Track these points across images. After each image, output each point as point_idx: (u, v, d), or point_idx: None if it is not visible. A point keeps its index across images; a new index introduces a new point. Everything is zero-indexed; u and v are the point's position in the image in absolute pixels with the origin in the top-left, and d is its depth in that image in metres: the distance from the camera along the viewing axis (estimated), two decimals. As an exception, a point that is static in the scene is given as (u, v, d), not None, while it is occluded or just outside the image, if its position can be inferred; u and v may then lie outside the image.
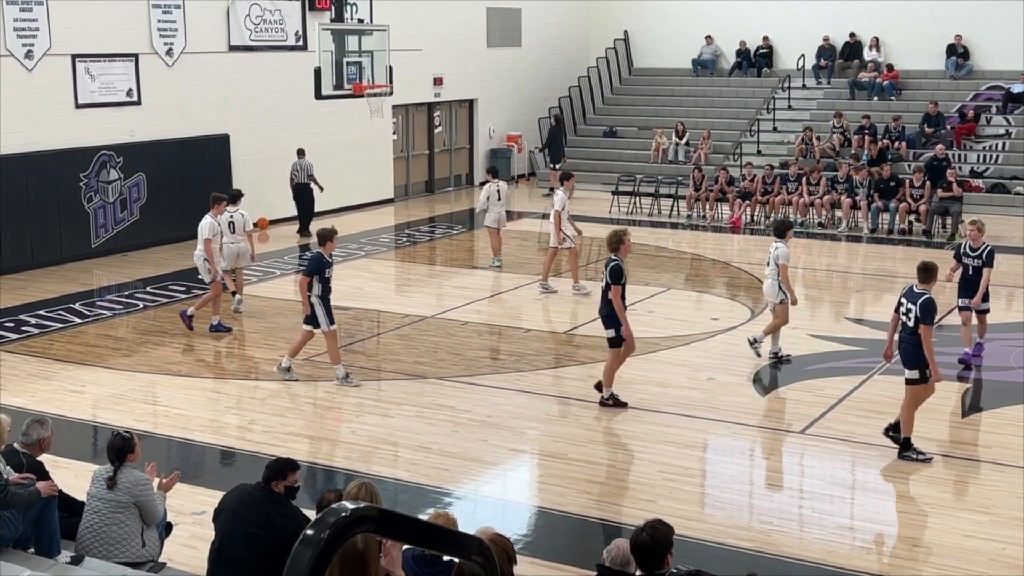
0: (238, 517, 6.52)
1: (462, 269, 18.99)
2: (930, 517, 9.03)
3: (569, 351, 13.52)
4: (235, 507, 6.60)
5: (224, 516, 6.62)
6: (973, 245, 13.04)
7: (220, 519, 6.64)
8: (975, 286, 12.82)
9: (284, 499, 6.61)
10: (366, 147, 24.09)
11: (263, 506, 6.51)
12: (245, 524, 6.47)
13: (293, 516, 6.53)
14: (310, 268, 12.09)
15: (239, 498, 6.65)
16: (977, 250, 12.99)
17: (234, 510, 6.58)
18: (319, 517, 2.57)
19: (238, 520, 6.51)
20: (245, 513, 6.52)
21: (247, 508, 6.54)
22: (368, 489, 5.95)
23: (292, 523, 6.45)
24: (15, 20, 17.60)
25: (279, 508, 6.54)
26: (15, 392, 11.73)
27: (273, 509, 6.51)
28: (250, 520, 6.47)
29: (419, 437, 10.65)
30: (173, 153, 19.83)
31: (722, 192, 22.98)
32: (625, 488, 9.51)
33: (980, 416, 11.23)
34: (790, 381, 12.34)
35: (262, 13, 21.65)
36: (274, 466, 6.67)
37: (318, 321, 12.02)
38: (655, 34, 30.25)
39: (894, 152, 24.27)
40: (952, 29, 26.61)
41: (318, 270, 11.98)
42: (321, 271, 11.97)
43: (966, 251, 13.06)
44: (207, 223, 14.35)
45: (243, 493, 6.68)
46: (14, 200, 17.62)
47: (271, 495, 6.57)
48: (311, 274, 12.00)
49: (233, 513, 6.57)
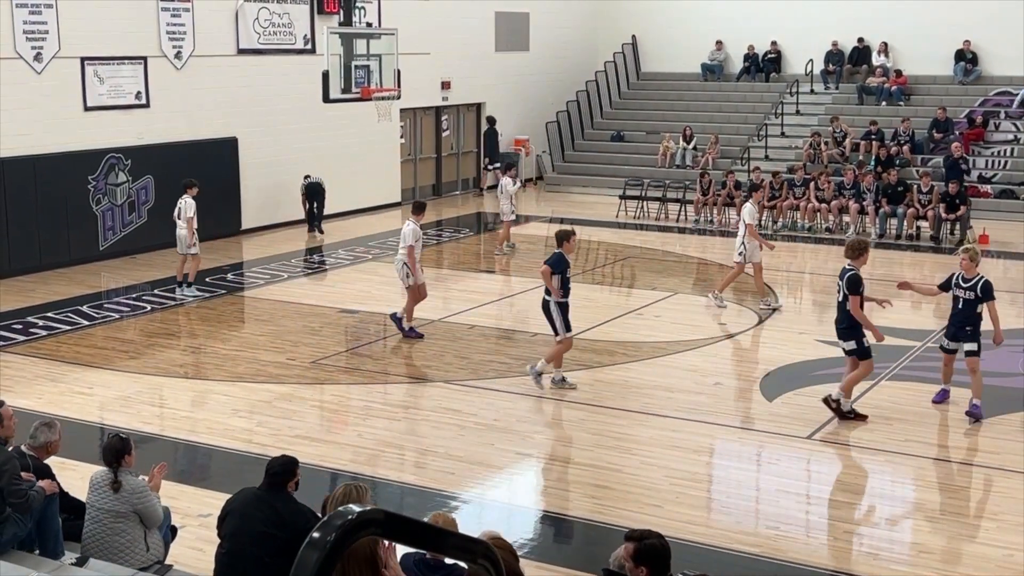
0: (248, 517, 6.53)
1: (469, 273, 19.00)
2: (937, 523, 9.00)
3: (575, 355, 13.51)
4: (243, 508, 6.60)
5: (232, 518, 6.62)
6: (966, 276, 11.27)
7: (228, 521, 6.64)
8: (963, 321, 11.27)
9: (292, 496, 6.63)
10: (374, 150, 24.11)
11: (271, 505, 6.52)
12: (255, 524, 6.47)
13: (302, 512, 6.55)
14: (552, 261, 11.95)
15: (246, 500, 6.66)
16: (970, 281, 11.24)
17: (242, 511, 6.59)
18: (325, 520, 2.58)
19: (248, 520, 6.52)
20: (254, 513, 6.52)
21: (256, 508, 6.54)
22: (357, 492, 5.94)
23: (302, 518, 6.47)
24: (24, 23, 17.65)
25: (289, 505, 6.56)
26: (22, 394, 11.75)
27: (283, 507, 6.53)
28: (260, 519, 6.47)
29: (425, 441, 10.65)
30: (181, 156, 19.86)
31: (729, 197, 22.96)
32: (631, 493, 9.50)
33: (988, 421, 11.19)
34: (797, 386, 12.32)
35: (271, 16, 21.69)
36: (286, 465, 6.67)
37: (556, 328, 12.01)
38: (663, 38, 30.25)
39: (902, 157, 24.25)
40: (961, 34, 26.58)
41: (561, 269, 11.87)
42: (563, 270, 11.89)
43: (958, 282, 11.31)
44: (411, 229, 13.94)
45: (249, 495, 6.69)
46: (22, 202, 17.67)
47: (280, 494, 6.58)
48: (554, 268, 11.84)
49: (242, 514, 6.57)
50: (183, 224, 16.08)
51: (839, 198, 22.07)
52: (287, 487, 6.62)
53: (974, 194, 22.70)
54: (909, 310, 16.07)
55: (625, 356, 13.53)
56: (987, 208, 22.88)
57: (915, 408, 11.38)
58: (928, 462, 10.24)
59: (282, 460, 6.74)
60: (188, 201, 16.03)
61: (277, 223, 21.90)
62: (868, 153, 24.47)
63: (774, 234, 21.95)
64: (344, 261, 19.29)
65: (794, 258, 20.44)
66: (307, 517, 6.51)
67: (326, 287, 17.24)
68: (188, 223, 16.00)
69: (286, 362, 13.11)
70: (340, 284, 17.45)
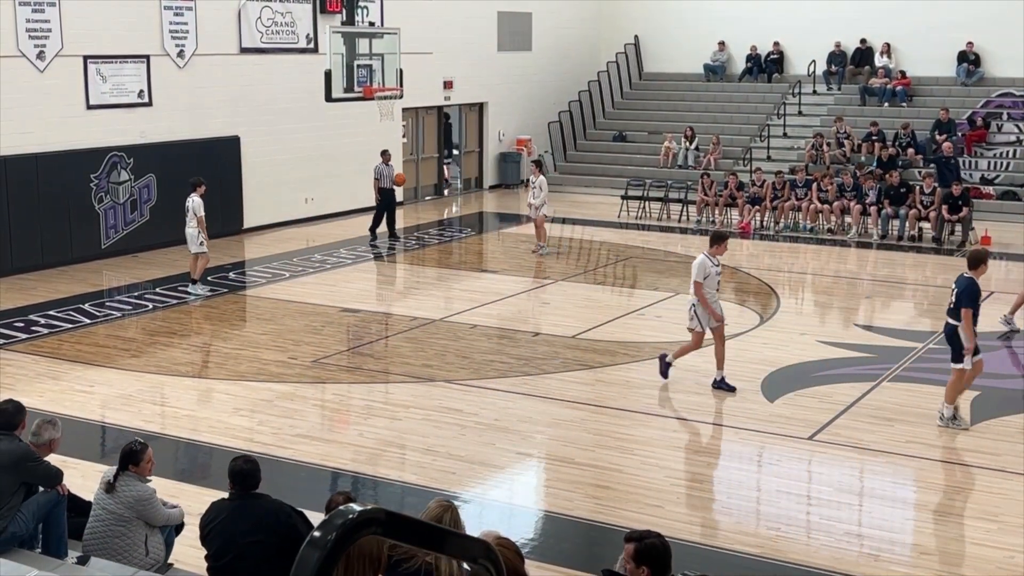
0: (233, 532, 6.47)
1: (471, 272, 19.01)
2: (938, 524, 9.00)
3: (577, 355, 13.52)
4: (223, 525, 6.53)
5: (216, 532, 6.55)
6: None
7: (211, 540, 6.58)
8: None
9: (267, 497, 6.62)
10: (376, 150, 24.06)
11: (251, 511, 6.50)
12: (239, 536, 6.43)
13: (282, 510, 6.54)
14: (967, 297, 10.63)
15: (224, 514, 6.59)
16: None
17: (223, 528, 6.51)
18: (327, 519, 2.58)
19: (231, 536, 6.46)
20: (235, 526, 6.47)
21: (235, 521, 6.50)
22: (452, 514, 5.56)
23: (285, 516, 6.47)
24: (27, 21, 17.66)
25: (267, 507, 6.54)
26: (24, 392, 11.74)
27: (261, 510, 6.51)
28: (243, 530, 6.43)
29: (426, 440, 10.66)
30: (183, 155, 19.87)
31: (731, 197, 22.96)
32: (632, 493, 9.50)
33: (989, 424, 11.19)
34: (798, 387, 12.32)
35: (273, 16, 21.70)
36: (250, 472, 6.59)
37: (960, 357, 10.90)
38: (665, 39, 30.25)
39: (904, 159, 24.24)
40: (963, 36, 26.56)
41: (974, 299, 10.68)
42: (976, 298, 10.70)
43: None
44: (698, 262, 11.85)
45: (223, 509, 6.63)
46: (25, 200, 17.68)
47: (254, 497, 6.56)
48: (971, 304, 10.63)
49: (226, 530, 6.51)
50: (189, 222, 16.08)
51: (841, 199, 22.06)
52: (257, 489, 6.60)
53: (976, 195, 22.70)
54: (910, 311, 16.08)
55: (627, 356, 13.53)
56: (989, 210, 22.87)
57: (916, 409, 11.38)
58: (929, 463, 10.24)
59: (244, 459, 6.73)
60: (196, 200, 16.01)
61: (279, 222, 21.91)
62: (871, 154, 24.47)
63: (776, 235, 21.99)
64: (346, 260, 19.29)
65: (796, 259, 20.44)
66: (288, 513, 6.51)
67: (327, 286, 17.25)
68: (199, 221, 15.98)
69: (288, 361, 13.12)
70: (342, 283, 17.45)
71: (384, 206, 20.86)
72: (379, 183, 20.82)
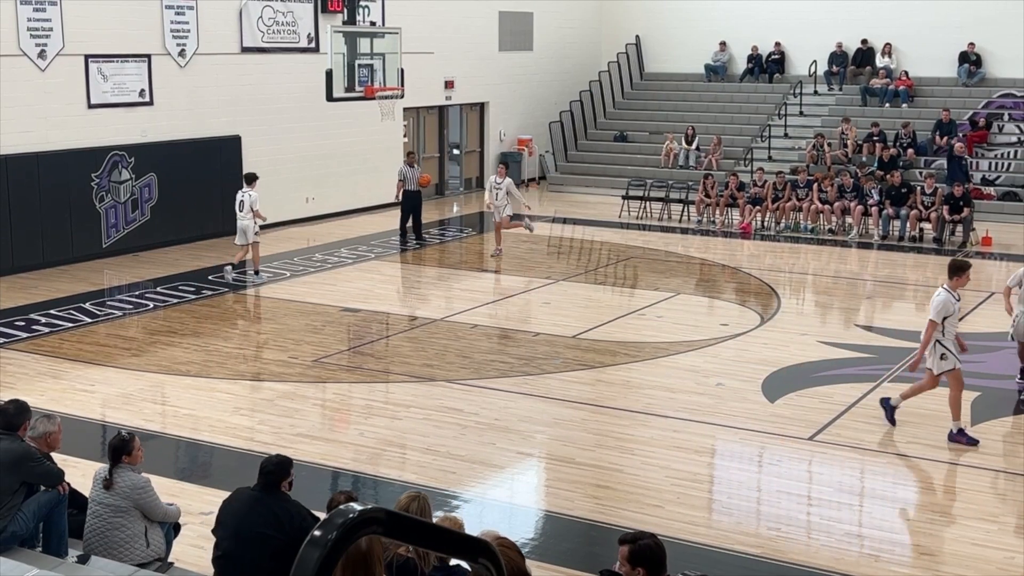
0: (245, 520, 6.52)
1: (472, 272, 19.01)
2: (938, 525, 9.01)
3: (577, 355, 13.52)
4: (238, 510, 6.59)
5: (229, 520, 6.60)
6: None
7: (224, 524, 6.63)
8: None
9: (288, 496, 6.63)
10: (377, 149, 24.13)
11: (268, 506, 6.52)
12: (252, 526, 6.47)
13: (299, 511, 6.55)
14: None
15: (242, 501, 6.64)
16: None
17: (240, 513, 6.57)
18: (327, 518, 2.58)
19: (244, 522, 6.51)
20: (250, 515, 6.51)
21: (251, 509, 6.54)
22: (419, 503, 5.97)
23: (299, 518, 6.47)
24: (29, 20, 17.67)
25: (286, 506, 6.56)
26: (25, 391, 11.75)
27: (279, 508, 6.52)
28: (256, 521, 6.47)
29: (427, 440, 10.66)
30: (185, 154, 19.88)
31: (732, 198, 22.96)
32: (632, 493, 9.50)
33: (989, 424, 11.19)
34: (799, 387, 12.32)
35: (274, 15, 21.70)
36: (280, 464, 6.67)
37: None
38: (666, 39, 30.25)
39: (905, 159, 24.24)
40: (965, 36, 26.57)
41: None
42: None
43: None
44: (940, 299, 10.57)
45: (243, 496, 6.67)
46: (26, 199, 17.69)
47: (275, 494, 6.58)
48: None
49: (240, 516, 6.56)
50: (245, 215, 16.99)
51: (842, 199, 22.06)
52: (281, 486, 6.61)
53: (977, 196, 22.69)
54: (911, 311, 16.08)
55: (627, 356, 13.54)
56: (990, 210, 22.86)
57: (916, 410, 11.37)
58: (929, 464, 10.24)
59: (276, 460, 6.73)
60: (252, 194, 17.02)
61: (280, 221, 21.90)
62: (871, 155, 24.47)
63: (777, 235, 21.99)
64: (347, 260, 19.29)
65: (797, 259, 20.44)
66: (303, 516, 6.52)
67: (328, 286, 17.25)
68: (256, 214, 16.99)
69: (288, 360, 13.13)
70: (342, 283, 17.46)
71: (409, 208, 20.79)
72: (403, 185, 20.74)
